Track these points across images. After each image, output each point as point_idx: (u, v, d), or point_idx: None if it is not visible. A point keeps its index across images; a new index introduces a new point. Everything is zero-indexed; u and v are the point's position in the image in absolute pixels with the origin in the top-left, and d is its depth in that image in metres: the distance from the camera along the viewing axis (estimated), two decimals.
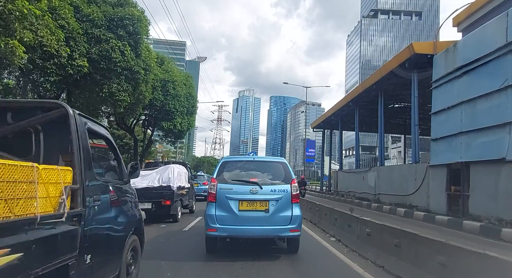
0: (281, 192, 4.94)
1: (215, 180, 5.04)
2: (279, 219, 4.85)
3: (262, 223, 4.83)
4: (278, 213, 4.86)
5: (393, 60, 13.59)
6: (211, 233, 4.87)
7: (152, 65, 14.02)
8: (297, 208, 5.01)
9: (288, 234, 4.94)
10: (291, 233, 4.90)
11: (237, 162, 5.80)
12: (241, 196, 4.86)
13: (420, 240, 3.85)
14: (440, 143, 10.69)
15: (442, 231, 8.33)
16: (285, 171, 5.26)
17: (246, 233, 4.91)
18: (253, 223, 4.83)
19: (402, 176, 13.26)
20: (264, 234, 5.01)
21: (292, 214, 4.91)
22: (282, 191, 4.96)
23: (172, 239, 6.58)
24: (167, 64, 21.97)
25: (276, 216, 4.84)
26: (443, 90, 10.75)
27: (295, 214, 4.93)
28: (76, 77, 10.96)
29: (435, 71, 11.23)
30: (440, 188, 10.42)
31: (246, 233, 4.91)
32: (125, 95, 12.27)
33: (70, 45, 10.47)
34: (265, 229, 4.87)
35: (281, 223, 4.86)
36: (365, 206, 15.23)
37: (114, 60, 11.49)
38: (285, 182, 5.07)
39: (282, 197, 4.92)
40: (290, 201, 4.96)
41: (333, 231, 7.25)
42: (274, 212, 4.83)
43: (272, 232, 4.95)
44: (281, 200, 4.91)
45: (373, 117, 24.10)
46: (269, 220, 4.82)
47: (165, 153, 62.86)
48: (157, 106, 20.68)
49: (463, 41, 10.08)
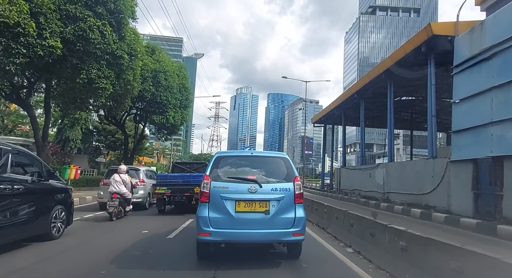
0: (283, 191, 4.40)
1: (208, 177, 4.40)
2: (281, 222, 4.30)
3: (262, 226, 4.28)
4: (280, 215, 4.30)
5: (406, 45, 12.25)
6: (204, 237, 4.23)
7: (138, 50, 12.59)
8: (300, 209, 4.45)
9: (291, 239, 4.35)
10: (294, 237, 4.33)
11: (233, 157, 5.08)
12: (238, 196, 4.30)
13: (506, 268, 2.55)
14: (463, 135, 9.41)
15: (480, 239, 7.07)
16: (287, 168, 4.67)
17: (244, 237, 4.34)
18: (251, 226, 4.27)
19: (416, 173, 11.97)
20: (264, 238, 4.44)
21: (296, 216, 4.35)
22: (284, 189, 4.41)
23: (151, 250, 5.25)
24: (159, 53, 20.55)
25: (278, 218, 4.29)
26: (467, 76, 9.46)
27: (298, 215, 4.37)
28: (48, 60, 9.53)
29: (456, 55, 9.94)
30: (464, 186, 9.14)
31: (244, 237, 4.34)
32: (107, 83, 10.84)
33: (39, 22, 9.05)
34: (265, 233, 4.31)
35: (283, 226, 4.30)
36: (372, 206, 13.95)
37: (93, 42, 10.06)
38: (287, 180, 4.51)
39: (284, 196, 4.37)
40: (293, 201, 4.40)
41: (349, 239, 5.94)
42: (275, 214, 4.28)
43: (273, 236, 4.39)
44: (283, 200, 4.35)
45: (377, 111, 22.87)
46: (270, 223, 4.27)
47: (161, 150, 61.43)
48: (147, 98, 19.28)
49: (493, 17, 8.76)
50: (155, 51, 20.57)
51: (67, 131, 27.19)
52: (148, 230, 7.07)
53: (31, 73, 11.64)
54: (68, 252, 5.19)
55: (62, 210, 6.13)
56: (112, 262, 4.49)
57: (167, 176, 10.46)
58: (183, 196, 9.46)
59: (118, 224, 7.96)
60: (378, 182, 15.08)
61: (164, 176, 11.04)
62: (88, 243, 5.91)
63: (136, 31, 13.50)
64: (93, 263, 4.47)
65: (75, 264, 4.49)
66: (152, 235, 6.61)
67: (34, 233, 5.43)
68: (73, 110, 18.75)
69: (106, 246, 5.58)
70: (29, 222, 5.15)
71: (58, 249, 5.29)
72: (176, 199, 9.57)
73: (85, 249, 5.49)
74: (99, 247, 5.55)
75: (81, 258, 4.79)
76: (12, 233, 4.83)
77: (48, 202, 5.80)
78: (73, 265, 4.42)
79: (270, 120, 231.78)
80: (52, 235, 5.78)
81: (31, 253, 5.01)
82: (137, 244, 5.69)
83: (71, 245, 5.62)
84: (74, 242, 5.87)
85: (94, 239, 6.31)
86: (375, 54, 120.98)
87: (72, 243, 5.79)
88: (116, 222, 8.11)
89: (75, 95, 12.39)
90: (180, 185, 9.48)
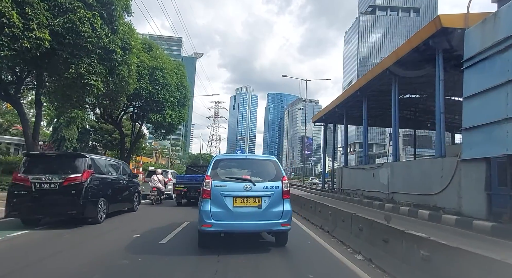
0: (273, 189, 5.13)
1: (209, 177, 5.12)
2: (271, 214, 5.03)
3: (256, 218, 4.99)
4: (271, 208, 5.04)
5: (412, 39, 11.72)
6: (206, 228, 4.93)
7: (133, 44, 12.05)
8: (287, 204, 5.20)
9: (280, 228, 5.12)
10: (283, 227, 5.10)
11: (230, 160, 5.87)
12: (235, 193, 5.00)
13: None
14: (475, 132, 8.90)
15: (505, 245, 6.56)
16: (276, 169, 5.42)
17: (241, 228, 5.07)
18: (247, 218, 4.98)
19: (423, 173, 11.45)
20: (257, 228, 5.24)
21: (284, 209, 5.11)
22: (274, 187, 5.14)
23: (140, 258, 4.72)
24: (156, 50, 19.98)
25: (269, 211, 5.02)
26: (479, 70, 8.95)
27: (286, 209, 5.14)
28: (35, 53, 8.98)
29: (467, 48, 9.43)
30: (476, 186, 8.63)
31: (241, 228, 5.07)
32: (97, 80, 10.28)
33: (26, 12, 8.52)
34: (258, 223, 5.05)
35: (273, 218, 5.04)
36: (377, 207, 13.45)
37: (83, 35, 9.52)
38: (276, 179, 5.24)
39: (274, 193, 5.10)
40: (282, 197, 5.15)
41: (357, 245, 5.43)
42: (266, 208, 5.02)
43: (264, 226, 5.14)
44: (273, 196, 5.08)
45: (379, 110, 22.36)
46: (262, 215, 5.00)
47: (160, 149, 60.86)
48: (144, 96, 18.73)
49: (507, 7, 8.24)
50: (152, 48, 20.00)
51: (63, 130, 26.66)
52: (140, 234, 6.57)
53: (19, 68, 11.08)
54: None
55: (138, 195, 10.44)
56: (94, 274, 3.97)
57: (184, 177, 13.42)
58: (196, 192, 11.50)
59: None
60: (382, 182, 14.56)
61: (182, 176, 13.91)
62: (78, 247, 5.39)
63: (131, 26, 12.96)
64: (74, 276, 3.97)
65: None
66: (143, 239, 6.11)
67: (127, 207, 9.69)
68: (68, 108, 18.32)
69: (90, 253, 5.05)
70: (127, 201, 9.59)
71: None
72: (191, 194, 12.13)
73: (66, 256, 4.96)
74: (82, 255, 4.99)
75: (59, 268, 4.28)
76: (122, 206, 9.31)
77: (133, 190, 10.00)
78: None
79: (270, 120, 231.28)
80: (134, 209, 10.03)
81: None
82: (127, 250, 5.18)
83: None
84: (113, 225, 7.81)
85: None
86: (375, 54, 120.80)
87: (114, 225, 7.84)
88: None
89: (69, 92, 11.85)
90: (194, 183, 11.82)
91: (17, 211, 6.79)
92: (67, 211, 6.90)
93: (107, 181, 8.17)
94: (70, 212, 6.89)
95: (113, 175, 8.68)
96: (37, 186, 6.73)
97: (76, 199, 6.86)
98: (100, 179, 7.75)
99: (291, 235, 5.78)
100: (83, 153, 8.60)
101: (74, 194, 6.86)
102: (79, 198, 6.89)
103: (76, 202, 6.86)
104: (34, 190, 6.70)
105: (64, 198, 6.82)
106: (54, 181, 6.81)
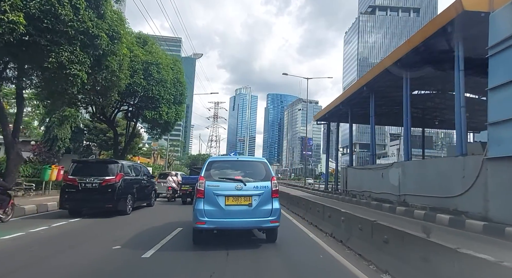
0: (263, 188, 5.42)
1: (203, 177, 5.39)
2: (261, 212, 5.31)
3: (246, 215, 5.27)
4: (260, 207, 5.31)
5: (428, 26, 10.70)
6: (200, 225, 5.21)
7: (122, 32, 11.02)
8: (276, 202, 5.49)
9: (269, 225, 5.40)
10: (272, 224, 5.39)
11: (223, 162, 6.16)
12: (227, 192, 5.29)
13: None
14: (504, 127, 7.89)
15: None
16: (266, 169, 5.72)
17: (232, 225, 5.36)
18: (238, 216, 5.27)
19: (441, 173, 10.42)
20: (248, 225, 5.49)
21: (272, 207, 5.40)
22: (264, 187, 5.43)
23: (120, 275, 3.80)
24: (151, 45, 18.96)
25: (259, 209, 5.30)
26: (507, 57, 7.96)
27: (275, 207, 5.42)
28: (9, 38, 7.96)
29: (492, 34, 8.43)
30: (507, 188, 7.61)
31: (232, 225, 5.36)
32: (81, 69, 9.27)
33: None
34: (248, 221, 5.33)
35: (263, 216, 5.32)
36: (387, 210, 12.42)
37: (63, 19, 8.51)
38: (266, 179, 5.54)
39: (264, 192, 5.39)
40: (271, 196, 5.43)
41: (383, 262, 4.40)
42: (256, 206, 5.29)
43: (255, 223, 5.41)
44: (262, 195, 5.37)
45: (385, 107, 21.30)
46: (252, 213, 5.27)
47: (159, 150, 59.78)
48: (138, 92, 17.72)
49: None
50: (147, 42, 19.01)
51: (55, 129, 25.53)
52: (121, 245, 5.59)
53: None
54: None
55: (154, 193, 12.44)
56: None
57: (189, 178, 14.97)
58: None
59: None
60: (392, 182, 13.54)
61: (187, 177, 15.42)
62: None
63: (121, 15, 11.94)
64: None
65: None
66: (124, 253, 5.13)
67: (146, 202, 11.55)
68: (59, 106, 17.30)
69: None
70: (147, 198, 11.54)
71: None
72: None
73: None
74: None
75: None
76: (143, 202, 11.24)
77: (151, 188, 12.04)
78: None
79: (270, 121, 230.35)
80: (151, 204, 11.89)
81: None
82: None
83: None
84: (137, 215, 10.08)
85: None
86: (375, 54, 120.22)
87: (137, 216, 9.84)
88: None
89: (52, 86, 10.81)
90: None
91: (68, 204, 8.70)
92: (105, 205, 8.75)
93: (133, 181, 10.09)
94: (107, 205, 8.75)
95: (136, 176, 10.59)
96: (83, 185, 8.67)
97: (111, 195, 8.78)
98: (128, 180, 9.68)
99: (300, 246, 5.80)
100: (116, 159, 10.61)
101: (110, 192, 8.77)
102: (114, 195, 8.81)
103: (112, 198, 8.78)
104: (80, 188, 8.62)
105: (103, 195, 8.70)
106: (95, 182, 8.71)
